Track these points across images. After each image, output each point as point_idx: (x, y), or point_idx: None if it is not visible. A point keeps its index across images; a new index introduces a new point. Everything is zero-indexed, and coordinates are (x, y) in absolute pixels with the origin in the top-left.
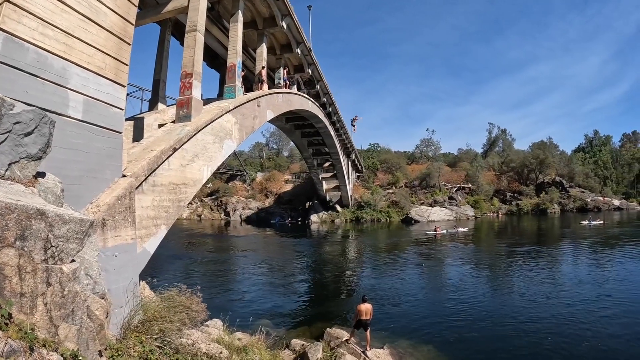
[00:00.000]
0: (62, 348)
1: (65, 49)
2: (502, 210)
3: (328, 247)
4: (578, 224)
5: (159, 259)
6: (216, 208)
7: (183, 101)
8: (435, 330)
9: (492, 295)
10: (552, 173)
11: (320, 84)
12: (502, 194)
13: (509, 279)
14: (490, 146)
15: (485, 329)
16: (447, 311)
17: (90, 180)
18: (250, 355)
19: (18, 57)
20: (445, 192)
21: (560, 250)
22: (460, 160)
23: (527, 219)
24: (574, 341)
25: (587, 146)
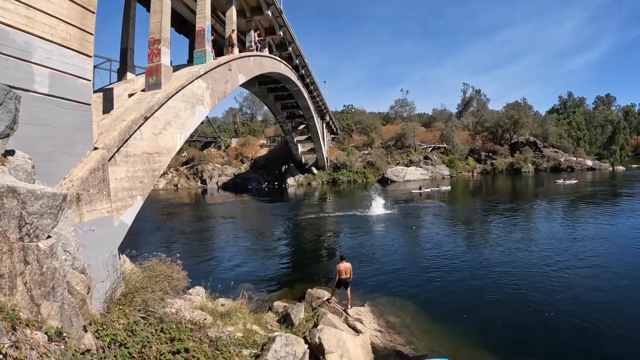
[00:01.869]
0: (45, 326)
1: (27, 22)
2: (477, 169)
3: (306, 210)
4: (553, 183)
5: (138, 232)
6: (192, 176)
7: (152, 68)
8: (415, 286)
9: (470, 251)
10: (526, 133)
11: (292, 46)
12: (477, 153)
13: (488, 235)
14: (464, 106)
15: (463, 284)
16: (426, 267)
17: (61, 155)
18: (234, 319)
19: None
20: (421, 152)
21: (537, 207)
22: (435, 120)
23: (502, 178)
24: (549, 293)
25: (561, 108)
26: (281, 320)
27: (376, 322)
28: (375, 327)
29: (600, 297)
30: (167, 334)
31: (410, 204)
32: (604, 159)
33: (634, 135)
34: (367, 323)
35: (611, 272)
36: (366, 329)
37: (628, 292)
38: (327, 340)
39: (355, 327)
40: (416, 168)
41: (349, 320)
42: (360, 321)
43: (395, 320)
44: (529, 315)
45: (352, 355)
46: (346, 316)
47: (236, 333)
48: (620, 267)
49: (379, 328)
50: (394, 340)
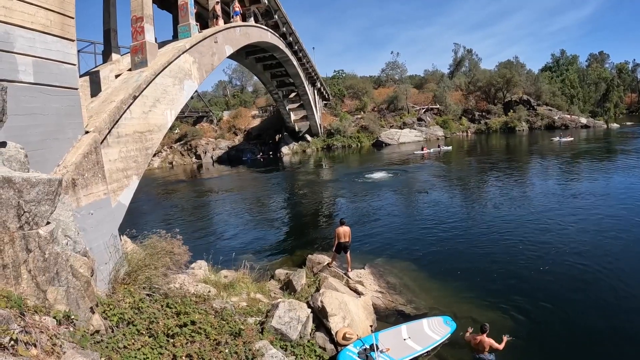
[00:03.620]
0: (53, 311)
1: (4, 12)
2: (471, 129)
3: (302, 177)
4: (549, 141)
5: (137, 212)
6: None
7: (137, 47)
8: (414, 247)
9: (469, 211)
10: (520, 92)
11: (278, 13)
12: (471, 113)
13: (486, 195)
14: (456, 66)
15: (462, 243)
16: (425, 228)
17: (52, 142)
18: (237, 290)
19: None
20: (414, 114)
21: (534, 165)
22: (427, 81)
23: (496, 137)
24: (547, 248)
25: (554, 65)
26: (284, 288)
27: (377, 284)
28: (376, 288)
29: (599, 250)
30: (173, 309)
31: (410, 165)
32: (598, 116)
33: (628, 92)
34: (367, 285)
35: (609, 225)
36: (367, 290)
37: (626, 245)
38: (329, 303)
39: (356, 290)
40: (410, 130)
41: (350, 283)
42: (361, 283)
43: (395, 281)
44: (526, 271)
45: (355, 316)
46: (347, 279)
47: (240, 303)
48: (619, 222)
49: (380, 289)
50: (395, 301)
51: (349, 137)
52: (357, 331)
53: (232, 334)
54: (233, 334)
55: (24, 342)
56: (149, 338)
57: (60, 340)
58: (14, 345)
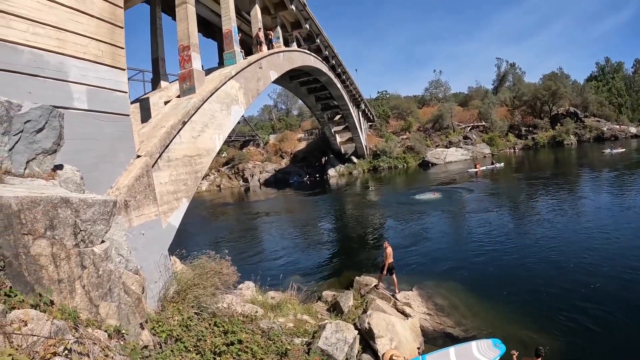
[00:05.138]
0: (105, 325)
1: (58, 43)
2: (518, 145)
3: (349, 199)
4: (600, 153)
5: (186, 233)
6: (234, 176)
7: (185, 74)
8: (463, 268)
9: (520, 231)
10: (566, 104)
11: (319, 37)
12: (517, 128)
13: (538, 214)
14: (500, 82)
15: (513, 264)
16: (474, 249)
17: (106, 165)
18: (284, 310)
19: (14, 60)
20: (460, 132)
21: (587, 180)
22: (471, 98)
23: (545, 152)
24: (602, 273)
25: (599, 74)
26: (331, 309)
27: (425, 306)
28: (424, 310)
29: None
30: (221, 328)
31: (458, 185)
32: None
33: None
34: (415, 307)
35: None
36: (415, 312)
37: None
38: (377, 324)
39: (404, 312)
40: (456, 149)
41: (397, 305)
42: (408, 305)
43: (443, 303)
44: (578, 292)
45: (402, 338)
46: (394, 301)
47: (287, 323)
48: None
49: (428, 311)
50: (443, 323)
51: (395, 158)
52: (404, 353)
53: (279, 354)
54: (279, 354)
55: (77, 352)
56: (196, 355)
57: (112, 352)
58: (68, 355)
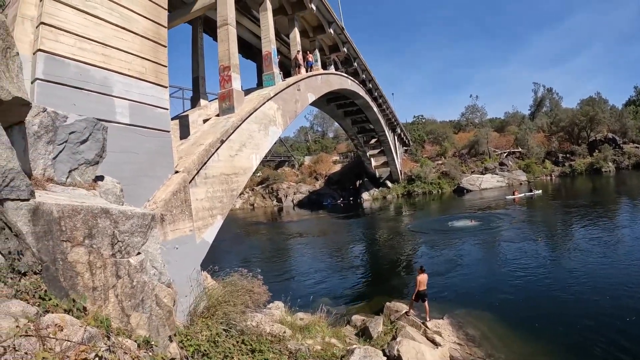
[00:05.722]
0: (134, 335)
1: (104, 59)
2: (555, 172)
3: (382, 223)
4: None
5: (218, 249)
6: (268, 195)
7: (224, 94)
8: (496, 297)
9: (556, 261)
10: (604, 130)
11: (357, 61)
12: (554, 155)
13: (575, 244)
14: (537, 107)
15: (547, 296)
16: (507, 279)
17: (144, 179)
18: (312, 333)
19: (61, 73)
20: (495, 158)
21: (627, 210)
22: (508, 124)
23: (582, 180)
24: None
25: (638, 98)
26: (359, 334)
27: (455, 335)
28: (455, 339)
29: None
30: (248, 346)
31: (493, 212)
32: None
33: None
34: (446, 336)
35: None
36: (445, 341)
37: None
38: (406, 352)
39: (434, 340)
40: (492, 175)
41: (427, 333)
42: (439, 334)
43: (475, 333)
44: (616, 331)
45: None
46: (425, 329)
47: (315, 346)
48: None
49: (458, 341)
50: (474, 354)
51: (430, 184)
52: None
53: None
54: None
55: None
56: None
57: None
58: None
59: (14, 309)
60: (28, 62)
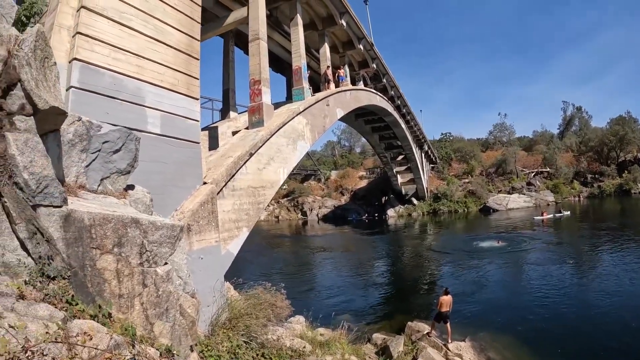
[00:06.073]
0: (157, 343)
1: (137, 69)
2: (584, 193)
3: (406, 241)
4: None
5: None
6: (293, 208)
7: (254, 107)
8: (519, 322)
9: (584, 288)
10: (634, 150)
11: (386, 77)
12: (582, 175)
13: (604, 270)
14: (566, 126)
15: (572, 324)
16: (532, 303)
17: (172, 189)
18: (332, 349)
19: (95, 82)
20: (523, 178)
21: None
22: (536, 143)
23: (611, 202)
24: None
25: None
26: (379, 353)
27: (476, 359)
28: None
29: None
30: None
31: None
32: None
33: None
34: (467, 359)
35: None
36: None
37: None
38: None
39: None
40: (519, 195)
41: (448, 355)
42: (460, 356)
43: (496, 357)
44: None
45: None
46: (446, 351)
47: None
48: None
49: None
50: None
51: (456, 202)
52: None
53: None
54: None
55: None
56: None
57: None
58: None
59: (42, 313)
60: (63, 69)
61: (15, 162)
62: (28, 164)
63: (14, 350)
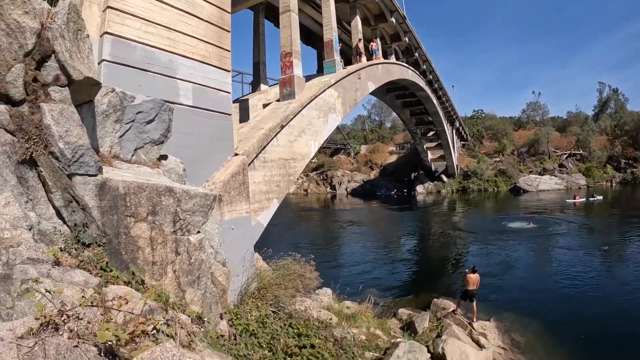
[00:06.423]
0: (188, 310)
1: (169, 42)
2: (616, 178)
3: (435, 219)
4: None
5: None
6: (322, 182)
7: (285, 80)
8: (545, 305)
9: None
10: None
11: (418, 51)
12: (616, 160)
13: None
14: (601, 108)
15: (600, 309)
16: (560, 287)
17: (204, 160)
18: (358, 322)
19: (127, 55)
20: (555, 159)
21: None
22: (570, 124)
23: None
24: None
25: None
26: (404, 328)
27: (500, 339)
28: (500, 343)
29: None
30: (295, 329)
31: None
32: None
33: None
34: (491, 339)
35: None
36: (490, 344)
37: None
38: (450, 351)
39: (478, 342)
40: (550, 177)
41: (473, 334)
42: (484, 336)
43: (520, 339)
44: None
45: None
46: (471, 329)
47: (360, 335)
48: None
49: (503, 345)
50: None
51: (486, 181)
52: None
53: None
54: None
55: (165, 333)
56: (268, 352)
57: (197, 338)
58: (156, 335)
59: (77, 279)
60: (95, 44)
61: (51, 132)
62: (63, 133)
63: (50, 314)
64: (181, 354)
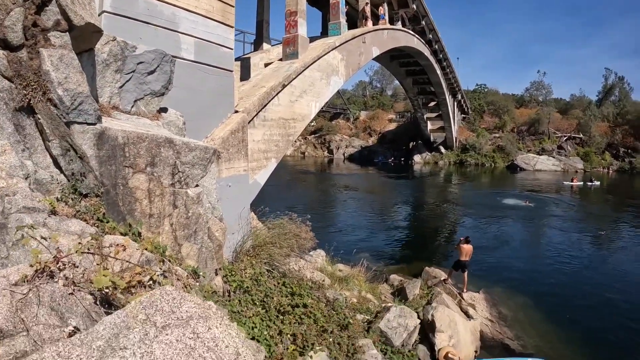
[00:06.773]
0: (184, 264)
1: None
2: (613, 166)
3: (431, 189)
4: None
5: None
6: (319, 146)
7: (289, 39)
8: (534, 281)
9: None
10: None
11: (425, 19)
12: (615, 148)
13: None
14: (605, 95)
15: (587, 288)
16: (549, 265)
17: (204, 116)
18: (350, 285)
19: (128, 7)
20: (555, 141)
21: None
22: (572, 107)
23: None
24: None
25: None
26: (395, 293)
27: (488, 311)
28: (487, 315)
29: None
30: (288, 288)
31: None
32: None
33: None
34: (479, 310)
35: None
36: (478, 315)
37: None
38: (440, 318)
39: (467, 312)
40: (548, 158)
41: (462, 304)
42: (473, 307)
43: (507, 313)
44: None
45: (461, 338)
46: (460, 299)
47: (351, 298)
48: None
49: (490, 317)
50: (503, 333)
51: (484, 156)
52: (459, 353)
53: (339, 326)
54: (340, 325)
55: (161, 284)
56: (261, 310)
57: (192, 291)
58: (152, 285)
59: (73, 228)
60: None
61: (50, 78)
62: (63, 80)
63: (45, 261)
64: (182, 297)
